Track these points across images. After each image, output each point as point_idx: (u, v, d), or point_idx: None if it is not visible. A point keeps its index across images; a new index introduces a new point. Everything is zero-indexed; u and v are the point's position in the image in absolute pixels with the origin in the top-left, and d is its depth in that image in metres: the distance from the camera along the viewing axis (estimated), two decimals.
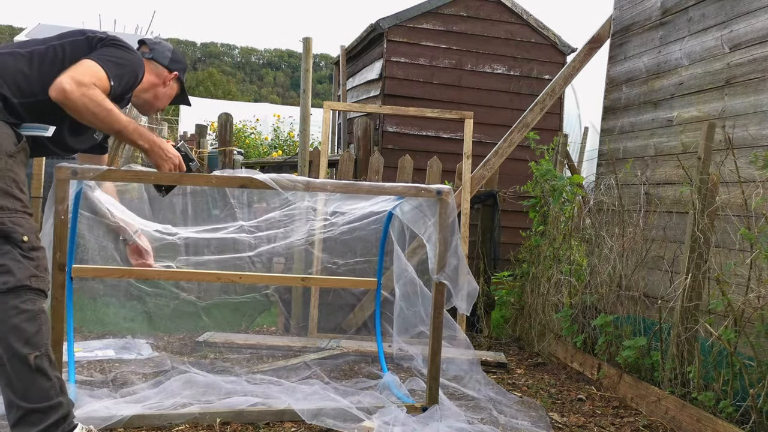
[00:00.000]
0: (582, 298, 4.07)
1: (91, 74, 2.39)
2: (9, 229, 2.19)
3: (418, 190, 2.98)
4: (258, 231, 3.37)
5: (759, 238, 2.84)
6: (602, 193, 4.06)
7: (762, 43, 3.37)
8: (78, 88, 2.32)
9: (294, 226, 3.37)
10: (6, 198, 2.23)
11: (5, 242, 2.19)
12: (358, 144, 5.56)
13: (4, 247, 2.19)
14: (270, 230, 3.36)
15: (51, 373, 2.21)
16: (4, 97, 2.33)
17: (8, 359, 2.14)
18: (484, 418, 3.05)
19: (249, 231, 3.35)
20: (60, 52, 2.46)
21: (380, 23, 6.18)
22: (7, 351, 2.14)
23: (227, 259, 3.65)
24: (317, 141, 10.81)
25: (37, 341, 2.18)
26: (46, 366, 2.19)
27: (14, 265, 2.18)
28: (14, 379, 2.14)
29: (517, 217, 5.55)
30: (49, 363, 2.22)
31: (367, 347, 4.11)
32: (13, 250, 2.20)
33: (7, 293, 2.16)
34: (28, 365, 2.14)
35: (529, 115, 4.95)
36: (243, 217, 3.47)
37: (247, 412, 2.89)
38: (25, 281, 2.19)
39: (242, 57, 72.14)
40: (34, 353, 2.16)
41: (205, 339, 4.15)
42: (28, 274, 2.20)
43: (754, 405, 2.71)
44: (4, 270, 2.17)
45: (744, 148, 3.35)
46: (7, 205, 2.22)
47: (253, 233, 3.36)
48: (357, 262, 4.26)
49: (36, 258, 2.26)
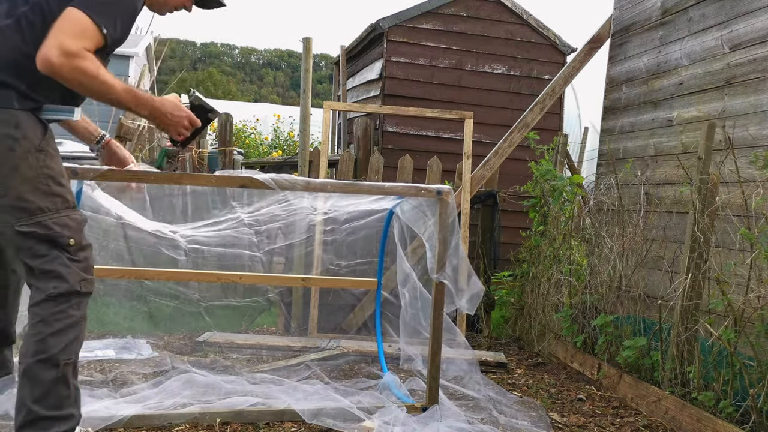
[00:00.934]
0: (582, 298, 4.07)
1: (79, 34, 2.08)
2: (55, 234, 2.14)
3: (418, 190, 2.98)
4: (257, 225, 3.36)
5: (759, 238, 2.84)
6: (602, 193, 4.06)
7: (762, 43, 3.37)
8: (67, 60, 2.04)
9: (294, 226, 3.37)
10: (45, 198, 2.14)
11: (52, 247, 2.15)
12: (358, 144, 5.56)
13: (52, 252, 2.14)
14: (270, 228, 3.35)
15: (71, 383, 2.18)
16: (7, 85, 2.13)
17: (38, 361, 2.11)
18: (484, 418, 3.05)
19: (249, 224, 3.33)
20: (46, 8, 2.14)
21: (380, 23, 6.18)
22: (41, 353, 2.11)
23: (229, 257, 3.64)
24: (317, 141, 10.81)
25: (72, 348, 2.16)
26: (69, 375, 2.16)
27: (64, 270, 2.14)
28: (36, 381, 2.11)
29: (517, 217, 5.55)
30: (73, 372, 2.19)
31: (367, 347, 4.11)
32: (61, 255, 2.15)
33: (57, 297, 2.13)
34: (55, 371, 2.11)
35: (529, 115, 4.95)
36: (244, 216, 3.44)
37: (247, 412, 2.89)
38: (75, 286, 2.16)
39: (242, 57, 72.19)
40: (65, 360, 2.13)
41: (205, 339, 4.15)
42: (78, 279, 2.17)
43: (754, 405, 2.71)
44: (55, 275, 2.13)
45: (744, 148, 3.35)
46: (47, 206, 2.14)
47: (253, 226, 3.34)
48: (358, 262, 4.27)
49: (84, 259, 2.21)
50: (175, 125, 2.41)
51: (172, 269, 3.61)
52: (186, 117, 2.43)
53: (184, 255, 3.44)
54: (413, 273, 3.40)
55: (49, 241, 2.14)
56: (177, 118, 2.40)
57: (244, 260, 3.75)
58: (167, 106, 2.37)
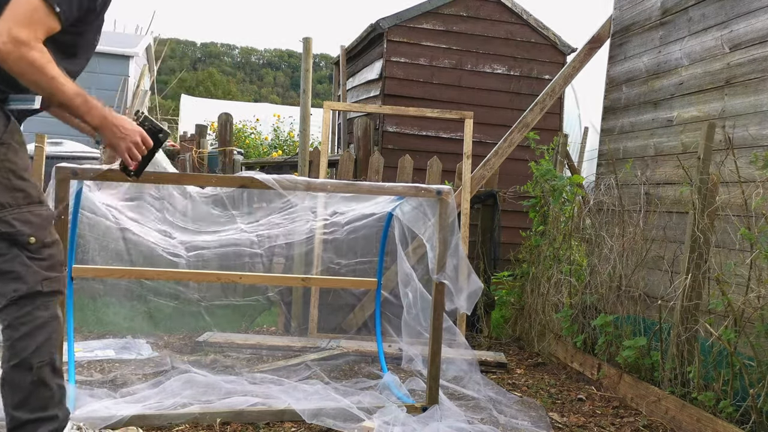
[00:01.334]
0: (582, 298, 4.07)
1: (29, 18, 1.94)
2: (15, 231, 2.05)
3: (418, 190, 2.98)
4: (259, 230, 3.36)
5: (759, 238, 2.84)
6: (602, 193, 4.05)
7: (762, 43, 3.37)
8: (15, 48, 1.92)
9: (294, 227, 3.37)
10: (5, 193, 2.05)
11: (11, 246, 2.06)
12: (358, 144, 5.56)
13: (11, 251, 2.06)
14: (271, 230, 3.35)
15: (52, 382, 2.14)
16: None
17: (12, 367, 2.08)
18: (484, 418, 3.05)
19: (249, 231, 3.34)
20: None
21: (380, 23, 6.18)
22: (13, 358, 2.08)
23: (229, 256, 3.64)
24: (317, 141, 10.81)
25: (44, 350, 2.11)
26: (47, 376, 2.12)
27: (23, 270, 2.07)
28: (14, 387, 2.09)
29: (517, 217, 5.55)
30: (52, 371, 2.14)
31: (367, 347, 4.11)
32: (20, 253, 2.07)
33: (19, 300, 2.07)
34: (29, 375, 2.09)
35: (529, 115, 4.95)
36: (242, 220, 3.43)
37: (247, 412, 2.89)
38: (36, 287, 2.09)
39: (242, 57, 72.16)
40: (38, 363, 2.09)
41: (206, 339, 4.15)
42: (39, 278, 2.09)
43: (754, 405, 2.71)
44: (14, 276, 2.07)
45: (744, 148, 3.35)
46: (8, 201, 2.05)
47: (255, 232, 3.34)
48: (358, 262, 4.27)
49: (48, 257, 2.12)
50: (124, 139, 2.25)
51: (172, 269, 3.61)
52: (138, 132, 2.29)
53: (184, 259, 3.43)
54: (414, 274, 3.41)
55: (7, 239, 2.06)
56: (129, 132, 2.25)
57: (244, 259, 3.75)
58: (119, 119, 2.25)
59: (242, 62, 70.43)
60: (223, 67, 59.76)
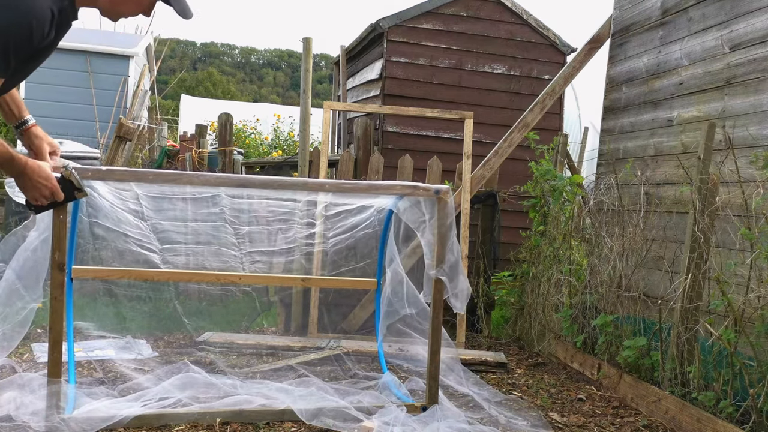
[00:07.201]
0: (582, 298, 4.07)
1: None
2: None
3: (416, 189, 2.98)
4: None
5: (759, 238, 2.84)
6: (602, 193, 4.05)
7: (762, 43, 3.37)
8: None
9: (294, 227, 3.38)
10: None
11: None
12: (358, 144, 5.56)
13: None
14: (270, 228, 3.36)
15: None
16: None
17: None
18: (484, 417, 3.05)
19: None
20: None
21: (380, 23, 6.17)
22: None
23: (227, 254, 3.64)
24: (317, 141, 10.81)
25: None
26: None
27: None
28: None
29: (517, 217, 5.55)
30: None
31: (367, 347, 4.11)
32: None
33: None
34: None
35: (529, 115, 4.95)
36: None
37: (247, 412, 2.89)
38: None
39: (242, 57, 72.13)
40: None
41: (205, 339, 4.15)
42: None
43: (754, 405, 2.71)
44: None
45: (744, 148, 3.35)
46: None
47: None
48: (357, 262, 4.26)
49: None
50: (32, 190, 2.33)
51: (172, 269, 3.61)
52: (49, 188, 2.36)
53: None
54: (397, 255, 3.43)
55: None
56: (39, 185, 2.33)
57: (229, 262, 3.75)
58: (37, 171, 2.29)
59: (242, 62, 70.39)
60: (223, 67, 59.73)
